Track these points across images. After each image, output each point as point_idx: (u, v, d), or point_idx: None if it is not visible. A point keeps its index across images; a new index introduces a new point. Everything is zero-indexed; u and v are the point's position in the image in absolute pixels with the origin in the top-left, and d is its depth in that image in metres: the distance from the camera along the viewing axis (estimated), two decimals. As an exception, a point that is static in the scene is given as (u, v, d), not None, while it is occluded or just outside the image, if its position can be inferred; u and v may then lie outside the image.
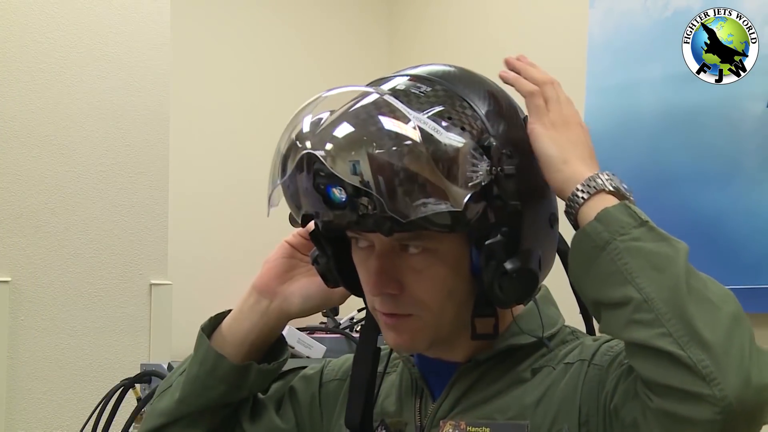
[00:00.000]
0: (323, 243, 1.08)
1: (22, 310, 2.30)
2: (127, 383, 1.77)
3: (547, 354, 1.06)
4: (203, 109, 3.06)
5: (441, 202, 0.92)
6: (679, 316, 0.88)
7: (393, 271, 1.00)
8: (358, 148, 0.93)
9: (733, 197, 2.43)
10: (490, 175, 0.95)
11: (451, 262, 1.00)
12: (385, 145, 0.92)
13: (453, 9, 3.32)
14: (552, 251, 1.07)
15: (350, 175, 0.92)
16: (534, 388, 1.03)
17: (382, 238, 0.99)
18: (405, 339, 1.03)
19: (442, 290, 1.01)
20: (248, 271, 3.37)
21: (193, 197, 2.97)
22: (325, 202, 0.95)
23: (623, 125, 2.64)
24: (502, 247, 0.98)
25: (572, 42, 2.85)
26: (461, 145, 0.94)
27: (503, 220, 0.98)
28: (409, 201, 0.92)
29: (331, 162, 0.93)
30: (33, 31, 2.38)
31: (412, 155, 0.92)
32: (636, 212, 0.95)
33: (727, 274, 2.42)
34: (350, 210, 0.94)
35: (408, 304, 1.01)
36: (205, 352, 1.15)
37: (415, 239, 0.98)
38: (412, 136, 0.92)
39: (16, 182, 2.33)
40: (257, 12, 3.26)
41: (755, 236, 2.39)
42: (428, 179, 0.92)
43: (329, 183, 0.94)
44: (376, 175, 0.92)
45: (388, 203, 0.91)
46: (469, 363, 1.06)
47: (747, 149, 2.42)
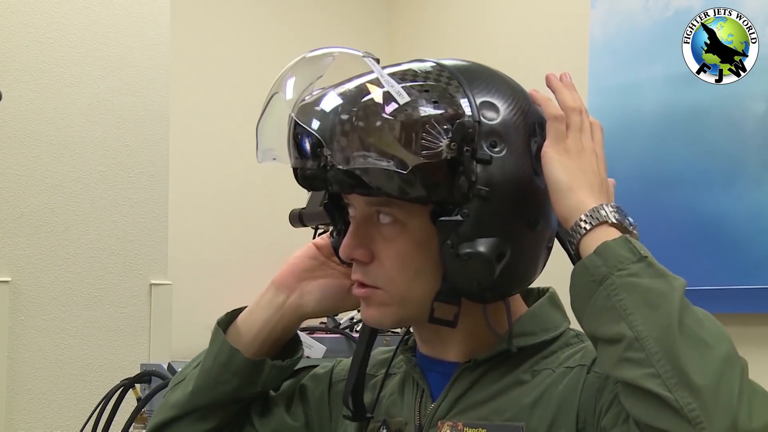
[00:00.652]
0: (335, 216, 1.12)
1: (22, 310, 2.30)
2: (127, 383, 1.77)
3: (549, 356, 1.06)
4: (203, 109, 3.06)
5: (384, 159, 0.95)
6: (668, 357, 0.87)
7: (366, 239, 1.03)
8: (330, 105, 0.99)
9: (735, 197, 2.43)
10: (450, 150, 0.97)
11: (419, 238, 1.01)
12: (348, 104, 0.98)
13: (453, 9, 3.32)
14: (533, 252, 1.06)
15: (312, 126, 0.99)
16: (532, 390, 1.03)
17: (360, 204, 1.03)
18: (372, 312, 1.05)
19: (409, 267, 1.02)
20: (248, 271, 3.39)
21: (193, 197, 2.97)
22: (298, 152, 1.02)
23: (625, 125, 2.64)
24: (459, 229, 0.98)
25: (573, 42, 2.86)
26: (423, 115, 0.97)
27: (467, 202, 0.98)
28: (350, 151, 0.96)
29: (300, 114, 1.01)
30: (33, 31, 2.38)
31: (368, 113, 0.97)
32: (636, 247, 0.94)
33: (729, 274, 2.42)
34: (313, 159, 1.00)
35: (376, 275, 1.03)
36: (220, 346, 1.17)
37: (384, 205, 1.01)
38: (376, 97, 0.97)
39: (16, 182, 2.33)
40: (257, 12, 3.26)
41: (757, 236, 2.39)
42: (378, 137, 0.96)
43: (302, 133, 1.01)
44: (332, 126, 0.98)
45: (334, 149, 0.97)
46: (469, 363, 1.06)
47: (749, 149, 2.43)
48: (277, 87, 1.06)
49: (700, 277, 2.42)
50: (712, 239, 2.45)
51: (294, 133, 1.02)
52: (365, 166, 0.96)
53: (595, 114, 1.05)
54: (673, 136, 2.55)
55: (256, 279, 3.05)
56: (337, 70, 1.05)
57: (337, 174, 0.98)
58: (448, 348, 1.09)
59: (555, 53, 2.94)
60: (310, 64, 1.05)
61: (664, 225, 2.51)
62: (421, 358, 1.12)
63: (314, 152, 0.99)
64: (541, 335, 1.07)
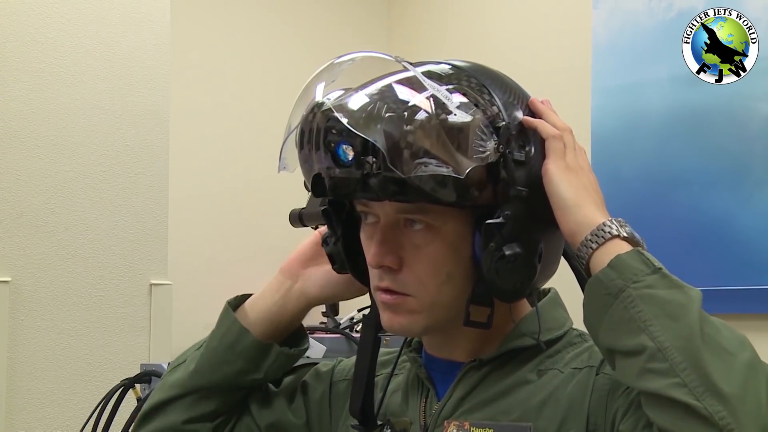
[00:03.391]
0: (334, 222, 1.11)
1: (22, 310, 2.30)
2: (127, 383, 1.77)
3: (554, 356, 1.06)
4: (203, 109, 3.06)
5: (443, 165, 0.94)
6: (693, 366, 0.87)
7: (395, 246, 1.02)
8: (371, 108, 0.96)
9: (741, 198, 2.43)
10: (497, 153, 0.97)
11: (453, 242, 1.01)
12: (397, 108, 0.95)
13: (454, 9, 3.32)
14: (556, 252, 1.07)
15: (360, 129, 0.95)
16: (539, 390, 1.03)
17: (388, 211, 1.02)
18: (400, 320, 1.04)
19: (441, 271, 1.01)
20: (248, 271, 3.39)
21: (193, 197, 2.97)
22: (333, 160, 0.97)
23: (629, 126, 2.64)
24: (503, 230, 0.98)
25: (576, 43, 2.86)
26: (471, 119, 0.96)
27: (507, 203, 0.99)
28: (410, 158, 0.94)
29: (344, 116, 0.96)
30: (33, 31, 2.38)
31: (423, 119, 0.95)
32: (649, 259, 0.94)
33: (735, 274, 2.42)
34: (356, 167, 0.96)
35: (406, 282, 1.02)
36: (230, 325, 1.17)
37: (419, 212, 1.00)
38: (424, 101, 0.96)
39: (16, 182, 2.32)
40: (257, 12, 3.26)
41: (763, 237, 2.39)
42: (434, 143, 0.94)
43: (340, 140, 0.97)
44: (384, 131, 0.94)
45: (391, 157, 0.94)
46: (474, 362, 1.06)
47: (755, 150, 2.43)
48: (309, 94, 1.03)
49: (706, 278, 2.42)
50: (717, 240, 2.45)
51: (327, 140, 0.98)
52: (426, 173, 0.94)
53: (599, 115, 1.07)
54: (677, 137, 2.55)
55: (256, 279, 3.05)
56: (354, 71, 1.03)
57: (382, 181, 0.95)
58: (455, 347, 1.09)
59: (557, 54, 2.94)
60: (337, 69, 1.03)
61: (670, 225, 2.51)
62: (427, 358, 1.12)
63: (357, 159, 0.96)
64: (545, 335, 1.07)
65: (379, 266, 1.03)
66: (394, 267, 1.02)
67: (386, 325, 1.06)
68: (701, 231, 2.48)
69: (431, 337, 1.11)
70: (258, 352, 1.16)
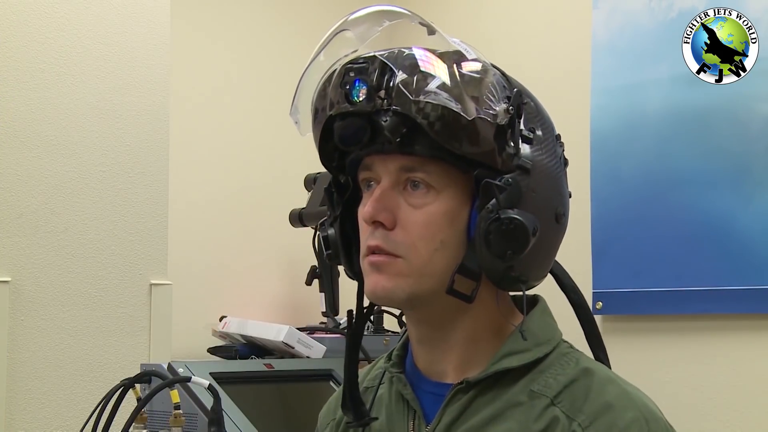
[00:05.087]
0: (334, 203, 1.10)
1: (22, 310, 2.30)
2: (127, 383, 1.78)
3: (545, 371, 1.04)
4: (203, 109, 3.06)
5: (453, 101, 0.96)
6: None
7: (391, 204, 1.02)
8: (396, 51, 1.00)
9: (741, 198, 2.43)
10: (507, 115, 0.99)
11: (450, 208, 1.01)
12: (417, 49, 0.99)
13: (453, 9, 3.32)
14: (551, 246, 1.07)
15: (378, 63, 0.99)
16: (538, 417, 1.01)
17: (391, 170, 1.02)
18: (385, 282, 1.02)
19: (435, 237, 1.01)
20: (248, 271, 3.38)
21: (193, 197, 2.97)
22: (346, 98, 1.00)
23: (629, 126, 2.64)
24: (502, 194, 0.99)
25: (576, 43, 2.85)
26: (487, 76, 1.00)
27: (511, 170, 1.00)
28: (422, 83, 0.96)
29: (365, 49, 1.01)
30: (33, 31, 2.38)
31: (441, 61, 0.98)
32: None
33: (735, 274, 2.42)
34: (366, 102, 0.98)
35: (397, 242, 1.01)
36: None
37: (421, 170, 1.00)
38: (445, 46, 1.01)
39: (16, 182, 2.32)
40: (257, 12, 3.26)
41: (764, 237, 2.39)
42: (449, 81, 0.97)
43: (355, 78, 1.00)
44: (403, 65, 0.98)
45: (406, 79, 0.96)
46: (461, 385, 1.05)
47: (756, 150, 2.42)
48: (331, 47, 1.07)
49: (706, 278, 2.42)
50: (717, 240, 2.45)
51: (344, 80, 1.01)
52: (435, 101, 0.95)
53: (599, 115, 1.08)
54: (678, 137, 2.55)
55: (256, 279, 3.06)
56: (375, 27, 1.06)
57: (393, 120, 0.97)
58: (443, 361, 1.07)
59: (557, 54, 2.94)
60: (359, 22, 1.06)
61: (670, 225, 2.50)
62: (414, 375, 1.10)
63: (369, 96, 0.98)
64: (534, 352, 1.05)
65: (373, 221, 1.02)
66: (388, 225, 1.02)
67: (369, 290, 1.04)
68: (701, 231, 2.48)
69: (420, 340, 1.09)
70: None
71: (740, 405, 2.45)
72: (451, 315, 1.05)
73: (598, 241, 2.66)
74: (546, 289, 1.13)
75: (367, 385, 1.16)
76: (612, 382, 1.04)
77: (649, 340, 2.61)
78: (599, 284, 2.66)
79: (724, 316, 2.42)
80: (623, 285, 2.60)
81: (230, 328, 2.53)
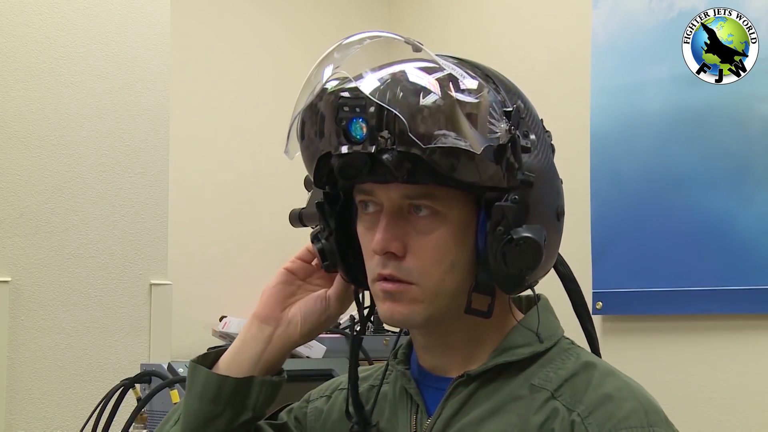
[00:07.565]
0: (327, 216, 1.08)
1: (22, 310, 2.30)
2: (127, 383, 1.77)
3: (546, 365, 1.05)
4: (203, 109, 3.06)
5: (461, 140, 0.94)
6: None
7: (399, 232, 1.00)
8: (389, 82, 0.95)
9: (742, 198, 2.43)
10: (509, 134, 0.97)
11: (458, 229, 1.00)
12: (415, 82, 0.95)
13: (453, 9, 3.32)
14: (555, 246, 1.07)
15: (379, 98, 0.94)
16: (538, 409, 1.01)
17: (393, 197, 1.00)
18: (401, 309, 1.02)
19: (446, 259, 1.00)
20: (248, 271, 3.37)
21: (193, 197, 2.97)
22: (345, 137, 0.96)
23: (629, 126, 2.64)
24: (511, 214, 0.98)
25: (576, 43, 2.85)
26: (485, 99, 0.97)
27: (515, 187, 0.99)
28: (430, 129, 0.93)
29: (364, 86, 0.95)
30: (33, 31, 2.38)
31: (442, 94, 0.94)
32: None
33: (735, 274, 2.42)
34: (369, 143, 0.95)
35: (410, 270, 1.01)
36: (206, 380, 1.09)
37: (425, 197, 0.99)
38: (442, 76, 0.95)
39: (16, 182, 2.32)
40: (257, 12, 3.26)
41: (764, 237, 2.38)
42: (452, 117, 0.94)
43: (352, 116, 0.96)
44: (403, 103, 0.93)
45: (411, 125, 0.93)
46: (462, 378, 1.05)
47: (756, 150, 2.42)
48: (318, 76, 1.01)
49: (706, 278, 2.42)
50: (717, 240, 2.45)
51: (339, 117, 0.97)
52: (446, 145, 0.93)
53: (599, 114, 1.07)
54: (678, 137, 2.55)
55: (255, 279, 3.06)
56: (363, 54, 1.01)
57: (396, 158, 0.95)
58: (449, 356, 1.07)
59: (557, 54, 2.94)
60: (344, 51, 1.01)
61: (670, 225, 2.50)
62: (418, 371, 1.11)
63: (371, 134, 0.95)
64: (535, 346, 1.05)
65: (385, 252, 1.01)
66: (399, 254, 1.00)
67: (385, 316, 1.03)
68: (701, 231, 2.48)
69: (428, 348, 1.09)
70: (241, 391, 1.09)
71: (740, 405, 2.45)
72: (458, 324, 1.05)
73: (598, 241, 2.66)
74: (546, 289, 1.13)
75: (372, 383, 1.17)
76: (612, 375, 1.04)
77: (649, 340, 2.61)
78: (599, 284, 2.66)
79: (724, 316, 2.42)
80: (623, 285, 2.60)
81: (230, 328, 2.53)
